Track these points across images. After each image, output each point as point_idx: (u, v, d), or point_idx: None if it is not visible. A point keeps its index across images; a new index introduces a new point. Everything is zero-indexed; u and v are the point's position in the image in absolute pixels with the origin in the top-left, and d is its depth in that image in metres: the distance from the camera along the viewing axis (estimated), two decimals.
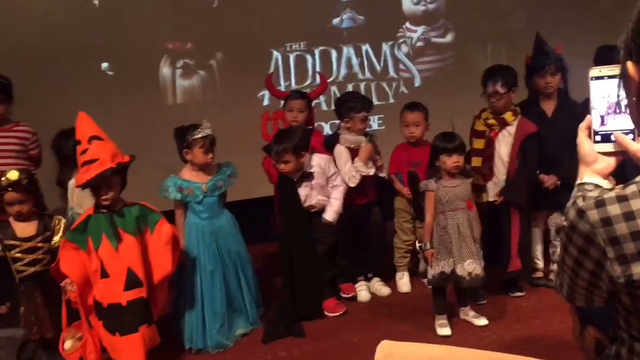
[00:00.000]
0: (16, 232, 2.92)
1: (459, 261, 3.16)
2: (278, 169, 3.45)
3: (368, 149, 3.62)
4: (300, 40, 4.73)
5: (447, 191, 3.20)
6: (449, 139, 3.21)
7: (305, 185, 3.48)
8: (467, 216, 3.21)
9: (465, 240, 3.17)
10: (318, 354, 3.17)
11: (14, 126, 3.58)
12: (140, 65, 4.40)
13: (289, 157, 3.39)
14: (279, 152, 3.38)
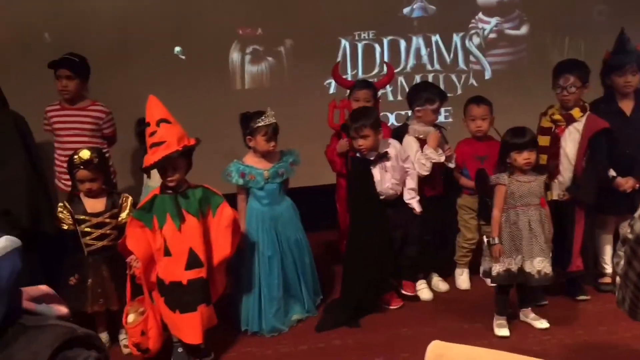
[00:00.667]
0: (86, 207, 3.06)
1: (528, 258, 3.07)
2: (356, 147, 3.41)
3: (437, 135, 3.56)
4: (370, 29, 4.68)
5: (520, 186, 3.10)
6: (519, 134, 3.12)
7: (380, 167, 3.44)
8: (539, 213, 3.11)
9: (536, 237, 3.08)
10: (372, 345, 3.16)
11: (90, 105, 3.67)
12: (211, 50, 4.48)
13: (368, 131, 3.35)
14: (358, 127, 3.35)
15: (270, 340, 3.27)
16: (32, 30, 4.21)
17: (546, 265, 3.07)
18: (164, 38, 4.40)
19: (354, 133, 3.39)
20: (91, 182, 3.02)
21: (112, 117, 3.73)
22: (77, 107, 3.64)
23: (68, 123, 3.62)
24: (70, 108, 3.63)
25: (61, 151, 3.61)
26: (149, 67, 4.31)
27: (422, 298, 3.64)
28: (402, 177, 3.50)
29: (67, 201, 3.06)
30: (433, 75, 4.79)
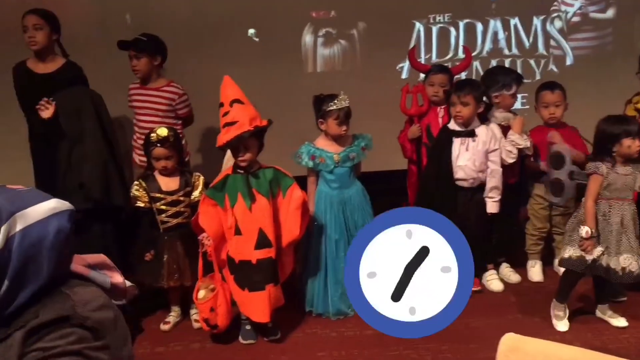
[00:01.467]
0: (161, 185, 3.14)
1: (614, 254, 2.94)
2: (453, 113, 3.36)
3: (521, 120, 3.44)
4: (445, 12, 4.56)
5: (618, 178, 2.95)
6: (628, 121, 2.97)
7: (462, 142, 3.37)
8: (632, 208, 2.97)
9: (626, 232, 2.94)
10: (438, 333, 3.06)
11: (164, 85, 3.72)
12: (284, 33, 4.49)
13: (471, 100, 3.30)
14: (463, 92, 3.30)
15: (335, 323, 3.28)
16: (113, 12, 4.35)
17: (632, 263, 2.92)
18: (238, 20, 4.45)
19: (454, 98, 3.32)
20: (166, 159, 3.10)
21: (186, 98, 3.78)
22: (152, 87, 3.73)
23: (143, 102, 3.72)
24: (147, 88, 3.72)
25: (138, 129, 3.73)
26: (224, 49, 4.37)
27: (491, 289, 3.55)
28: (481, 165, 3.41)
29: (142, 179, 3.15)
30: (510, 60, 4.62)
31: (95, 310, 1.10)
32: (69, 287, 1.12)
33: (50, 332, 1.04)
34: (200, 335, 3.17)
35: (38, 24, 3.50)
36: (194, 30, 4.33)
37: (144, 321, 3.31)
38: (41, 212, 1.09)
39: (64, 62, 3.64)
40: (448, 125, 3.45)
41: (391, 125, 3.86)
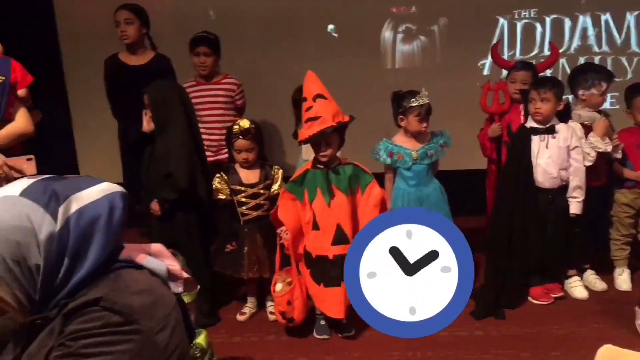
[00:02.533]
0: (242, 178, 3.19)
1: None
2: (532, 110, 3.24)
3: (604, 123, 3.28)
4: (531, 7, 4.41)
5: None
6: None
7: (542, 140, 3.25)
8: None
9: None
10: (518, 339, 3.02)
11: (222, 79, 3.84)
12: (363, 29, 4.47)
13: (551, 96, 3.18)
14: (543, 88, 3.19)
15: None
16: (197, 8, 4.46)
17: None
18: (317, 16, 4.46)
19: (534, 94, 3.21)
20: (248, 151, 3.14)
21: (242, 89, 3.88)
22: (210, 82, 3.82)
23: (203, 98, 3.80)
24: (205, 84, 3.82)
25: (201, 124, 3.75)
26: (303, 45, 4.40)
27: (575, 296, 3.40)
28: (562, 162, 3.27)
29: (224, 172, 3.21)
30: (600, 57, 4.41)
31: (130, 295, 1.13)
32: (116, 272, 1.16)
33: (82, 314, 1.08)
34: (275, 327, 3.20)
35: (129, 19, 3.65)
36: (273, 25, 4.38)
37: (220, 311, 3.38)
38: (94, 194, 1.14)
39: (154, 54, 3.79)
40: (525, 124, 3.33)
41: (471, 123, 3.77)
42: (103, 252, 1.13)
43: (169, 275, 1.26)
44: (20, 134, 2.75)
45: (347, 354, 3.00)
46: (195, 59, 3.76)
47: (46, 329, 1.11)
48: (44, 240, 1.08)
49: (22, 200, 1.09)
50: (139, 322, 1.11)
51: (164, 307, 1.18)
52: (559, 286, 3.44)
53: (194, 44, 3.75)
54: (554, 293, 3.39)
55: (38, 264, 1.08)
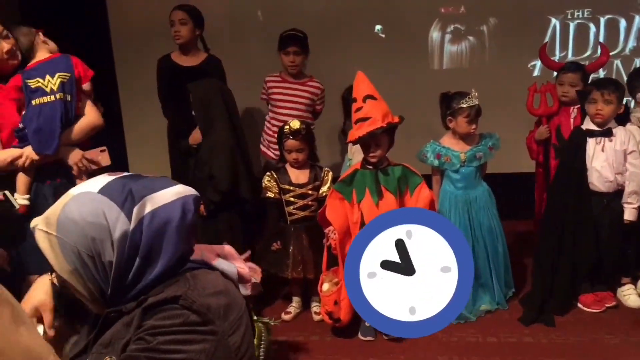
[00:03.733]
0: (291, 178, 3.20)
1: None
2: (592, 111, 3.15)
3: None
4: (585, 7, 4.30)
5: None
6: None
7: (598, 142, 3.17)
8: None
9: None
10: (569, 347, 2.95)
11: (308, 81, 3.82)
12: (410, 29, 4.44)
13: (614, 98, 3.11)
14: (606, 90, 3.11)
15: (456, 328, 3.18)
16: (246, 9, 4.49)
17: None
18: (365, 16, 4.45)
19: (597, 95, 3.12)
20: (298, 152, 3.15)
21: (324, 94, 3.86)
22: (297, 81, 3.80)
23: (286, 95, 3.79)
24: (290, 81, 3.79)
25: (275, 121, 3.78)
26: (350, 46, 4.39)
27: (628, 304, 3.30)
28: (619, 166, 3.18)
29: (274, 171, 3.23)
30: None
31: (207, 296, 1.13)
32: (192, 272, 1.17)
33: (161, 311, 1.09)
34: (320, 327, 3.20)
35: (183, 19, 3.70)
36: (321, 26, 4.37)
37: (265, 310, 3.40)
38: (168, 196, 1.16)
39: (206, 55, 3.83)
40: (581, 126, 3.25)
41: (521, 126, 3.71)
42: (175, 253, 1.15)
43: (239, 278, 1.27)
44: (93, 127, 2.82)
45: (392, 357, 2.98)
46: (284, 58, 3.72)
47: (121, 321, 1.13)
48: (118, 238, 1.11)
49: (100, 198, 1.13)
50: (215, 322, 1.12)
51: (237, 310, 1.19)
52: (611, 295, 3.34)
53: (284, 42, 3.71)
54: (607, 302, 3.30)
55: (111, 261, 1.11)
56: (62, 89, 2.65)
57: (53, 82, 2.64)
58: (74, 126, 2.75)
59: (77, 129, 2.76)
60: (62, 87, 2.65)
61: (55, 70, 2.66)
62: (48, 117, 2.63)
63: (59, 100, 2.64)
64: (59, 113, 2.65)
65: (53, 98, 2.63)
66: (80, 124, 2.77)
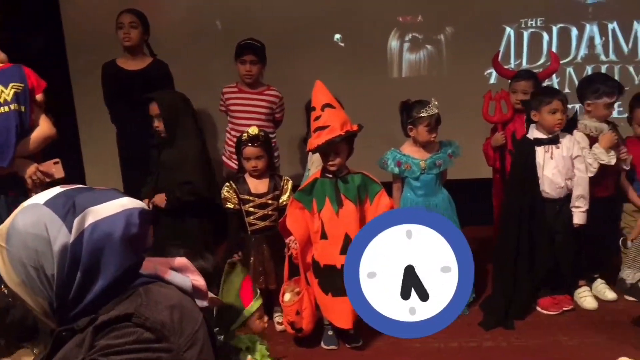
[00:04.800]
0: (250, 188, 3.18)
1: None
2: (554, 122, 3.19)
3: (610, 137, 3.25)
4: (538, 16, 4.40)
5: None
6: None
7: (546, 150, 3.25)
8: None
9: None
10: (528, 350, 2.99)
11: (265, 90, 3.80)
12: (369, 38, 4.48)
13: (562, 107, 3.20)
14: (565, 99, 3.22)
15: None
16: (204, 18, 4.46)
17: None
18: (324, 26, 4.46)
19: (558, 105, 3.19)
20: (257, 159, 3.13)
21: (283, 102, 3.86)
22: (253, 91, 3.78)
23: (244, 106, 3.77)
24: (247, 91, 3.78)
25: (235, 132, 3.75)
26: (309, 55, 4.39)
27: (584, 306, 3.37)
28: (567, 172, 3.26)
29: (233, 181, 3.20)
30: (607, 66, 4.40)
31: (161, 311, 1.12)
32: (145, 287, 1.15)
33: (114, 329, 1.07)
34: (283, 337, 3.18)
35: (134, 22, 3.69)
36: (281, 36, 4.37)
37: None
38: (112, 208, 1.14)
39: (151, 60, 3.80)
40: (527, 135, 3.31)
41: (478, 133, 3.76)
42: (119, 267, 1.12)
43: (194, 291, 1.25)
44: (46, 138, 2.77)
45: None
46: (241, 67, 3.69)
47: (73, 340, 1.10)
48: (58, 251, 1.08)
49: (43, 210, 1.11)
50: (170, 339, 1.10)
51: (193, 324, 1.17)
52: (569, 298, 3.41)
53: (240, 51, 3.69)
54: (564, 305, 3.36)
55: (53, 274, 1.09)
56: (16, 100, 2.59)
57: (7, 92, 2.58)
58: (28, 138, 2.69)
59: (32, 140, 2.70)
60: (17, 97, 2.59)
61: (8, 80, 2.60)
62: (3, 129, 2.58)
63: (14, 111, 2.59)
64: (14, 124, 2.59)
65: (7, 109, 2.57)
66: (34, 135, 2.71)
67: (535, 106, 3.24)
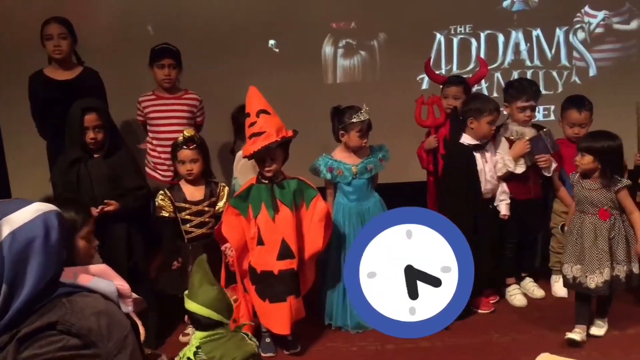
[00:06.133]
0: (186, 195, 3.13)
1: (586, 268, 2.97)
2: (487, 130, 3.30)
3: (521, 146, 3.34)
4: (466, 23, 4.54)
5: (581, 191, 3.02)
6: (590, 137, 3.02)
7: (482, 155, 3.35)
8: (593, 223, 2.96)
9: (582, 245, 2.97)
10: (462, 348, 3.07)
11: (184, 94, 3.74)
12: (304, 44, 4.49)
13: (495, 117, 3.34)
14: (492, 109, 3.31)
15: (356, 337, 3.23)
16: (135, 22, 4.36)
17: (582, 275, 2.96)
18: (258, 31, 4.44)
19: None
20: (192, 162, 3.08)
21: (203, 106, 3.80)
22: (173, 96, 3.71)
23: (164, 112, 3.69)
24: (166, 97, 3.70)
25: (157, 141, 3.68)
26: (244, 60, 4.37)
27: (514, 304, 3.50)
28: (493, 174, 3.38)
29: (168, 189, 3.14)
30: (532, 71, 4.59)
31: (87, 317, 1.10)
32: (67, 297, 1.13)
33: (39, 339, 1.05)
34: None
35: (63, 33, 3.55)
36: (214, 41, 4.33)
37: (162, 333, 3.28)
38: (27, 215, 1.10)
39: (82, 69, 3.68)
40: (462, 141, 3.37)
41: (413, 137, 3.83)
42: (44, 274, 1.09)
43: (119, 296, 1.23)
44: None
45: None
46: (159, 72, 3.61)
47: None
48: None
49: None
50: (98, 345, 1.08)
51: (121, 329, 1.15)
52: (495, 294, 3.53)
53: (158, 55, 3.61)
54: (492, 299, 3.49)
55: None
56: None
57: None
58: None
59: None
60: None
61: None
62: None
63: None
64: None
65: None
66: None
67: (475, 114, 3.31)
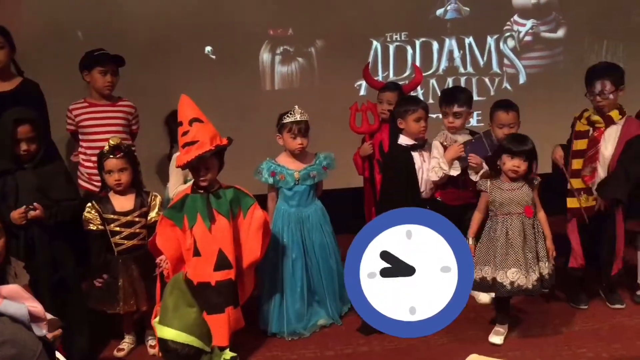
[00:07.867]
0: (115, 206, 3.02)
1: (500, 268, 3.00)
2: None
3: (454, 149, 3.39)
4: (402, 30, 4.61)
5: (501, 193, 3.06)
6: (518, 141, 3.07)
7: (420, 155, 3.39)
8: (521, 222, 3.04)
9: (513, 247, 3.01)
10: (400, 351, 3.09)
11: (119, 101, 3.64)
12: (241, 50, 4.46)
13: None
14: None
15: (295, 345, 3.22)
16: (65, 28, 4.22)
17: (521, 277, 2.98)
18: (194, 38, 4.38)
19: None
20: (120, 172, 2.98)
21: (138, 114, 3.72)
22: (107, 104, 3.60)
23: (98, 119, 3.57)
24: (100, 104, 3.58)
25: (91, 151, 3.53)
26: (179, 67, 4.30)
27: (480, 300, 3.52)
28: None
29: (96, 201, 3.03)
30: (466, 78, 4.70)
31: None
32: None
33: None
34: None
35: (0, 43, 3.39)
36: (148, 48, 4.24)
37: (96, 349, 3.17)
38: None
39: (21, 80, 3.53)
40: (400, 142, 3.41)
41: (350, 143, 3.85)
42: None
43: (31, 318, 1.16)
44: None
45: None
46: (100, 78, 3.48)
47: None
48: None
49: None
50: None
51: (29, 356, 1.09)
52: None
53: (99, 61, 3.48)
54: None
55: None
56: None
57: None
58: None
59: None
60: None
61: None
62: None
63: None
64: None
65: None
66: None
67: (402, 115, 3.37)
